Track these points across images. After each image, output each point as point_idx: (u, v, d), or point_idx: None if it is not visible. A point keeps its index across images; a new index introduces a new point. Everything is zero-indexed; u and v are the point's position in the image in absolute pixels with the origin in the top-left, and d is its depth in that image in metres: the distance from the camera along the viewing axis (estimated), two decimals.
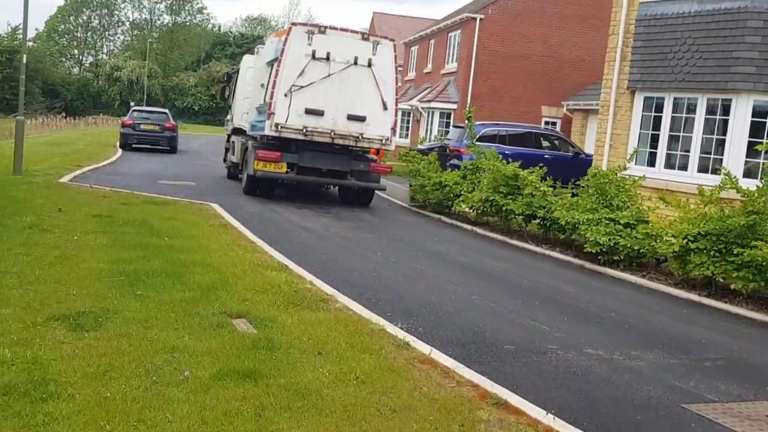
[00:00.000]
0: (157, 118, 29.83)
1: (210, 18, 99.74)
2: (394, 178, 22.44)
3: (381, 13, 63.12)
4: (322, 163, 15.86)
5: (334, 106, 15.37)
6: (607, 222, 11.32)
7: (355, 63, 15.38)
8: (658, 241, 10.76)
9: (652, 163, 15.09)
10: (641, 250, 10.89)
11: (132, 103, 74.87)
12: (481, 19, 29.50)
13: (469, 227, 14.66)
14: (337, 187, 17.46)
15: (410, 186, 18.18)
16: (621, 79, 16.39)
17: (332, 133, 15.39)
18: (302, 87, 15.16)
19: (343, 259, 9.77)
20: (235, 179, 20.05)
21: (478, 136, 21.98)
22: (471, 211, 15.61)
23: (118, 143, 30.66)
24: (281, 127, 15.14)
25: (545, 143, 22.72)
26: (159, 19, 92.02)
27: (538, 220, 13.21)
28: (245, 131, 19.00)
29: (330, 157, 15.88)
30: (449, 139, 23.23)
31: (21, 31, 78.29)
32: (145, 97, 74.18)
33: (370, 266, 9.44)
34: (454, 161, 20.28)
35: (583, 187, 12.71)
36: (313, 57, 15.18)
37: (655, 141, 15.16)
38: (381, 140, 15.72)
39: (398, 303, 7.55)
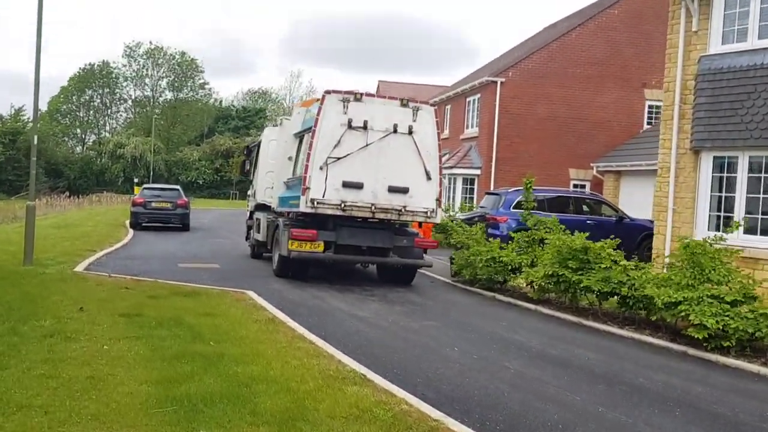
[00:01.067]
0: (168, 195, 28.59)
1: (212, 93, 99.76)
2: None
3: (386, 81, 62.76)
4: (362, 240, 14.44)
5: (373, 177, 14.04)
6: (710, 301, 9.83)
7: (395, 131, 14.12)
8: None
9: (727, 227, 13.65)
10: (756, 333, 9.38)
11: (135, 180, 74.19)
12: (502, 83, 28.54)
13: (531, 306, 13.15)
14: (375, 265, 15.99)
15: (452, 260, 16.72)
16: (681, 139, 15.11)
17: (373, 207, 14.02)
18: (339, 159, 13.86)
19: (420, 359, 8.25)
20: (260, 258, 18.65)
21: (514, 203, 20.76)
22: (527, 287, 14.12)
23: (128, 222, 29.43)
24: (317, 203, 13.78)
25: (585, 208, 21.40)
26: (161, 96, 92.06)
27: (616, 297, 11.72)
28: (270, 207, 17.70)
29: (370, 234, 14.48)
30: (483, 207, 21.91)
31: (24, 112, 77.89)
32: (151, 173, 73.40)
33: (455, 368, 7.91)
34: (490, 230, 18.92)
35: (634, 255, 11.41)
36: (350, 126, 13.92)
37: (729, 204, 13.78)
38: (425, 213, 14.34)
39: (522, 427, 6.02)
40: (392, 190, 14.10)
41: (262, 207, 18.58)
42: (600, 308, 12.32)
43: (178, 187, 30.75)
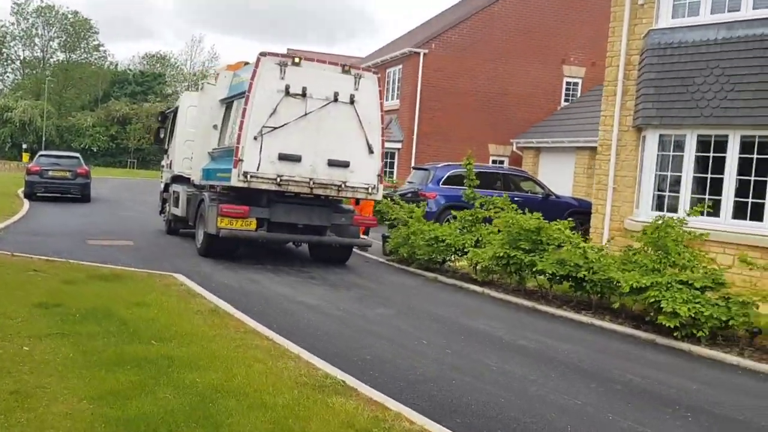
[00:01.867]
0: (67, 163, 26.43)
1: (107, 55, 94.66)
2: None
3: (295, 50, 60.92)
4: (297, 218, 13.38)
5: (312, 150, 12.98)
6: (679, 287, 9.38)
7: (336, 99, 13.07)
8: (752, 308, 8.93)
9: (673, 208, 13.37)
10: (730, 322, 9.00)
11: (24, 146, 69.66)
12: (424, 54, 27.77)
13: (477, 289, 12.49)
14: (307, 244, 14.94)
15: (386, 238, 15.90)
16: (623, 116, 14.76)
17: (311, 182, 12.97)
18: (275, 128, 12.71)
19: (394, 356, 7.38)
20: (177, 234, 17.29)
21: (444, 178, 20.11)
22: (470, 268, 13.47)
23: (21, 192, 27.17)
24: (251, 177, 12.61)
25: (512, 184, 20.98)
26: (52, 57, 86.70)
27: (569, 281, 11.19)
28: (188, 179, 16.34)
29: (307, 211, 13.44)
30: (411, 182, 21.17)
31: None
32: (44, 139, 69.13)
33: (434, 367, 7.09)
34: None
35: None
36: (287, 93, 12.77)
37: (675, 184, 13.50)
38: (366, 189, 13.41)
39: None
40: (332, 164, 13.08)
41: (180, 179, 17.17)
42: (550, 291, 11.79)
43: (77, 154, 28.53)
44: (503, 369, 7.26)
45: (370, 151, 13.37)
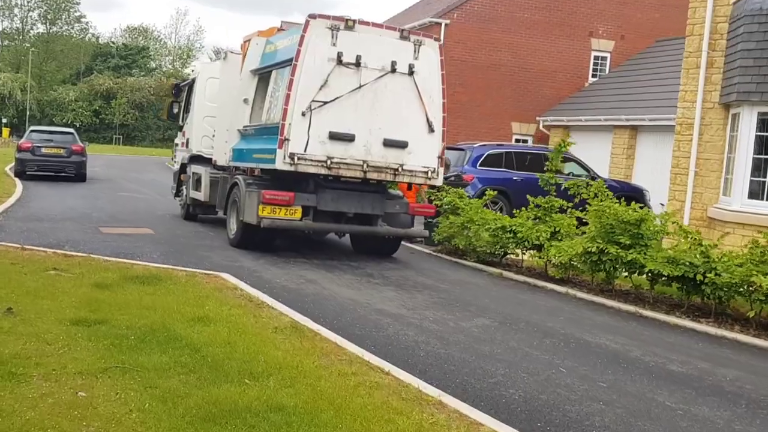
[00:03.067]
0: (61, 139, 24.46)
1: (89, 27, 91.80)
2: None
3: (288, 22, 58.64)
4: (347, 206, 11.70)
5: (366, 128, 11.29)
6: None
7: (393, 70, 11.36)
8: None
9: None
10: None
11: (4, 120, 67.07)
12: (446, 25, 25.98)
13: (559, 288, 10.92)
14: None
15: (432, 226, 14.17)
16: (708, 91, 13.17)
17: (365, 165, 11.29)
18: (325, 103, 10.99)
19: (540, 392, 5.78)
20: (194, 220, 15.56)
21: (482, 159, 18.47)
22: (542, 262, 11.87)
23: (10, 170, 25.27)
24: (298, 159, 10.90)
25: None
26: (32, 29, 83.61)
27: (679, 282, 9.64)
28: (209, 159, 14.63)
29: (357, 197, 11.76)
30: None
31: None
32: (27, 114, 66.56)
33: (586, 404, 5.51)
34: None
35: None
36: (339, 62, 11.04)
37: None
38: (426, 173, 11.76)
39: None
40: (388, 144, 11.40)
41: (198, 159, 15.41)
42: (652, 293, 10.24)
43: (71, 130, 26.55)
44: (690, 413, 5.68)
45: (431, 130, 11.70)
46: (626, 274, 10.37)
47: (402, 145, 11.48)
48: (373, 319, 7.90)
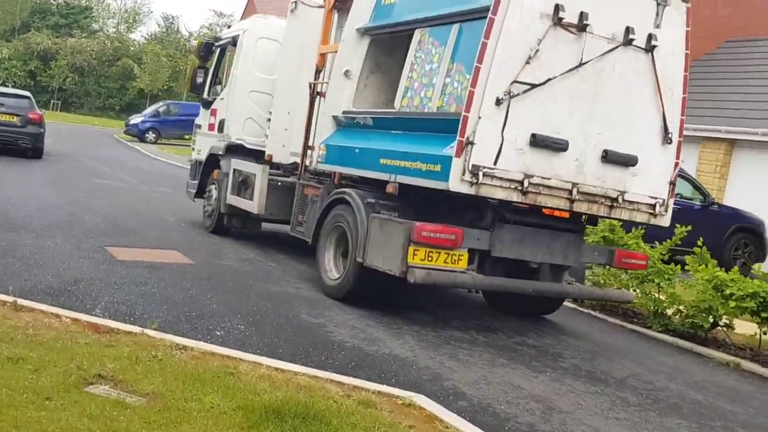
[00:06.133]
0: (14, 104, 19.17)
1: None
2: None
3: None
4: (533, 251, 7.39)
5: (582, 131, 7.03)
6: None
7: (628, 42, 7.11)
8: None
9: None
10: None
11: None
12: None
13: None
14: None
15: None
16: None
17: (574, 191, 7.03)
18: (534, 87, 6.68)
19: None
20: (225, 234, 11.03)
21: None
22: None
23: None
24: (484, 175, 6.55)
25: None
26: None
27: None
28: (261, 154, 10.27)
29: (549, 239, 7.48)
30: None
31: None
32: None
33: None
34: None
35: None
36: (558, 20, 6.74)
37: None
38: (652, 207, 7.58)
39: None
40: (610, 159, 7.17)
41: (238, 150, 10.91)
42: None
43: (28, 93, 21.20)
44: None
45: (666, 140, 7.52)
46: None
47: (629, 161, 7.28)
48: None
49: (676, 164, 7.69)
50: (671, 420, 5.66)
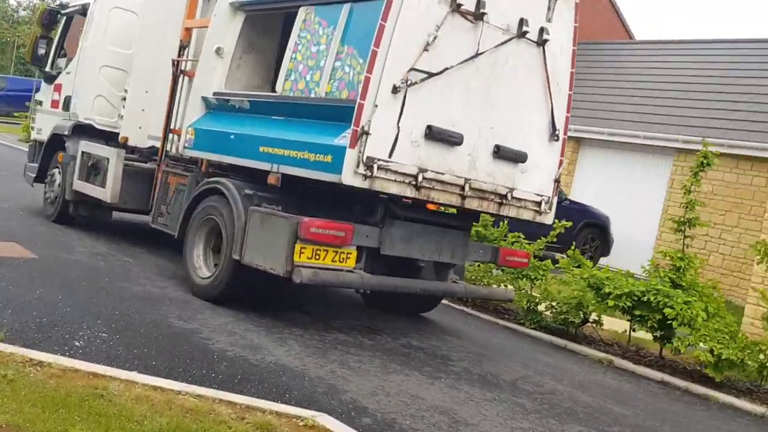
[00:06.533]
0: None
1: None
2: None
3: None
4: (421, 249, 7.04)
5: (476, 126, 6.75)
6: None
7: (521, 34, 6.90)
8: None
9: None
10: None
11: None
12: None
13: (748, 406, 7.20)
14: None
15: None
16: None
17: (466, 187, 6.73)
18: (431, 75, 6.29)
19: None
20: (70, 224, 9.91)
21: None
22: (681, 349, 8.04)
23: None
24: (378, 168, 6.09)
25: None
26: None
27: None
28: (114, 136, 9.35)
29: (437, 236, 7.15)
30: None
31: None
32: None
33: None
34: None
35: None
36: (456, 6, 6.39)
37: None
38: (538, 203, 7.45)
39: None
40: (502, 155, 6.95)
41: (87, 131, 9.83)
42: None
43: None
44: None
45: (554, 137, 7.42)
46: None
47: (519, 158, 7.09)
48: None
49: (561, 162, 7.60)
50: (572, 427, 5.48)
